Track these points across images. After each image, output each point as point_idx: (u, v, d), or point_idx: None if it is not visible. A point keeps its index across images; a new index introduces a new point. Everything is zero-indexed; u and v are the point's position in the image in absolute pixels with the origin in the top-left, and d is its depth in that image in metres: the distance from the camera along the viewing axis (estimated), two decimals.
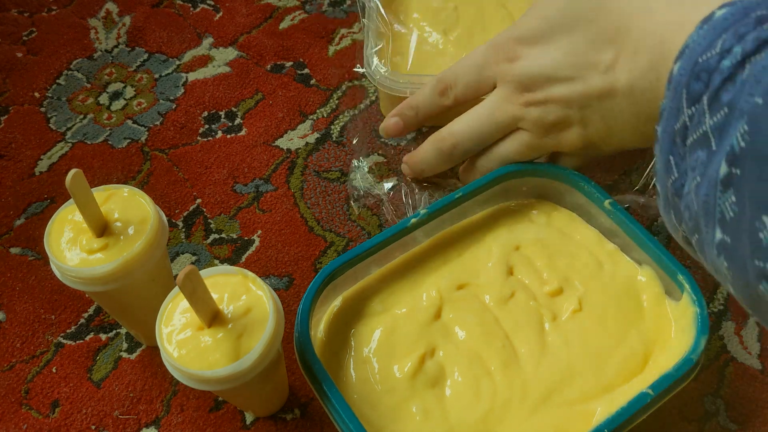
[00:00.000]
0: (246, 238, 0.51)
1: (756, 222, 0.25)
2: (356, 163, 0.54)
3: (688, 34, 0.31)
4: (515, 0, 0.58)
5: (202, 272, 0.35)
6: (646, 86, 0.36)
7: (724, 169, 0.27)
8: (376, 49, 0.53)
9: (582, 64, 0.40)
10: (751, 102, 0.26)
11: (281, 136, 0.56)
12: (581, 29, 0.39)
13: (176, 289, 0.37)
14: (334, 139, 0.56)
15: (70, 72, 0.61)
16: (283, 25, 0.64)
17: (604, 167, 0.52)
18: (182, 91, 0.60)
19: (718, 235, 0.28)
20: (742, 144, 0.26)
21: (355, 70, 0.57)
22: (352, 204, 0.52)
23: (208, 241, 0.51)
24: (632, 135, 0.40)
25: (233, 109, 0.58)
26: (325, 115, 0.57)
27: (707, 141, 0.28)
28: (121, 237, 0.38)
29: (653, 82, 0.35)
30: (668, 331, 0.40)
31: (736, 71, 0.27)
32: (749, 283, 0.27)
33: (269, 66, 0.61)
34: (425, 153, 0.48)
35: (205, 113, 0.58)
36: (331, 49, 0.62)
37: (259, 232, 0.51)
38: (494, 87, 0.45)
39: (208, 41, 0.63)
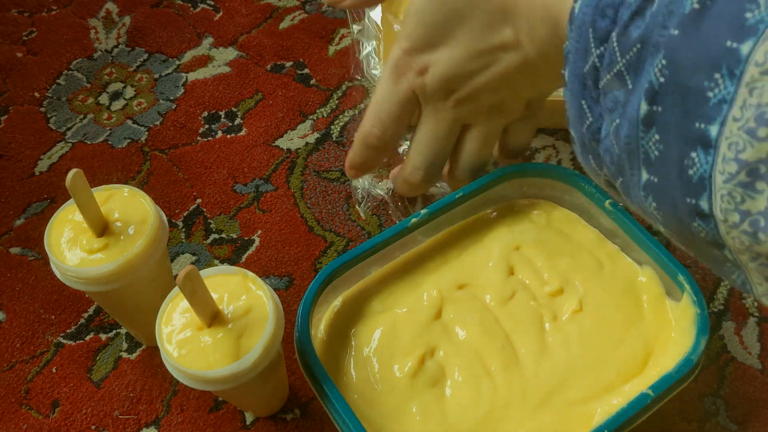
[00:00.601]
0: (246, 238, 0.51)
1: (684, 159, 0.25)
2: None
3: None
4: None
5: (202, 272, 0.35)
6: (555, 51, 0.34)
7: (644, 107, 0.26)
8: (369, 49, 0.53)
9: (487, 50, 0.39)
10: (666, 35, 0.25)
11: (281, 136, 0.56)
12: (469, 19, 0.38)
13: (176, 289, 0.37)
14: (334, 139, 0.56)
15: (70, 72, 0.61)
16: (283, 25, 0.64)
17: None
18: (182, 91, 0.60)
19: (644, 175, 0.27)
20: (662, 79, 0.25)
21: (356, 78, 0.57)
22: (358, 208, 0.52)
23: (208, 241, 0.51)
24: (560, 81, 0.38)
25: (233, 109, 0.58)
26: (325, 115, 0.57)
27: (622, 80, 0.27)
28: (121, 237, 0.38)
29: (559, 45, 0.33)
30: (668, 332, 0.40)
31: (645, 4, 0.26)
32: (682, 221, 0.26)
33: (269, 66, 0.61)
34: (400, 188, 0.47)
35: (205, 113, 0.58)
36: (331, 49, 0.62)
37: (259, 232, 0.51)
38: (418, 104, 0.43)
39: (208, 41, 0.63)
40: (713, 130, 0.24)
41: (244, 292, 0.37)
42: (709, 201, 0.24)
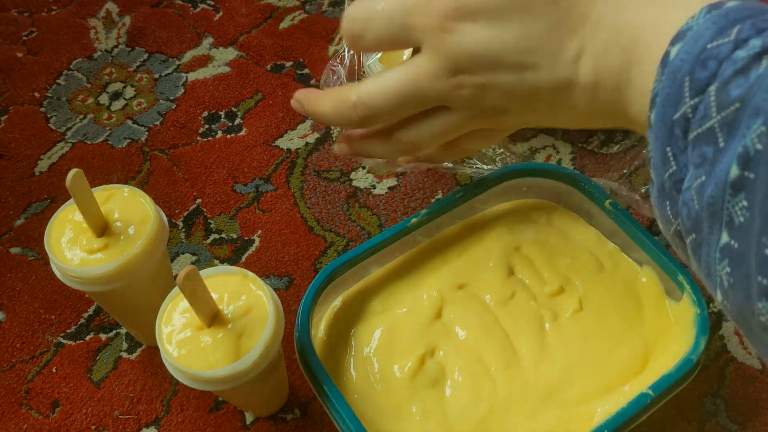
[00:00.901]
0: (246, 238, 0.51)
1: (764, 237, 0.23)
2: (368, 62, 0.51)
3: (673, 32, 0.28)
4: None
5: (202, 272, 0.35)
6: (613, 87, 0.32)
7: (735, 171, 0.24)
8: (375, 59, 0.53)
9: (537, 51, 0.33)
10: None
11: (281, 136, 0.56)
12: (539, 10, 0.33)
13: (176, 289, 0.37)
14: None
15: (70, 72, 0.61)
16: (283, 25, 0.64)
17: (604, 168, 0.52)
18: (182, 91, 0.60)
19: (725, 238, 0.26)
20: (759, 146, 0.23)
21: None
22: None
23: (208, 241, 0.51)
24: (576, 122, 0.35)
25: (233, 109, 0.58)
26: None
27: (713, 137, 0.26)
28: (122, 237, 0.38)
29: (623, 83, 0.31)
30: (668, 332, 0.40)
31: (751, 64, 0.25)
32: (750, 296, 0.25)
33: (269, 66, 0.61)
34: (329, 117, 0.38)
35: (205, 113, 0.58)
36: (331, 49, 0.62)
37: (259, 232, 0.51)
38: (415, 46, 0.36)
39: (208, 41, 0.63)
40: None
41: (244, 292, 0.37)
42: None
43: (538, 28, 0.33)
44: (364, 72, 0.53)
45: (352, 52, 0.53)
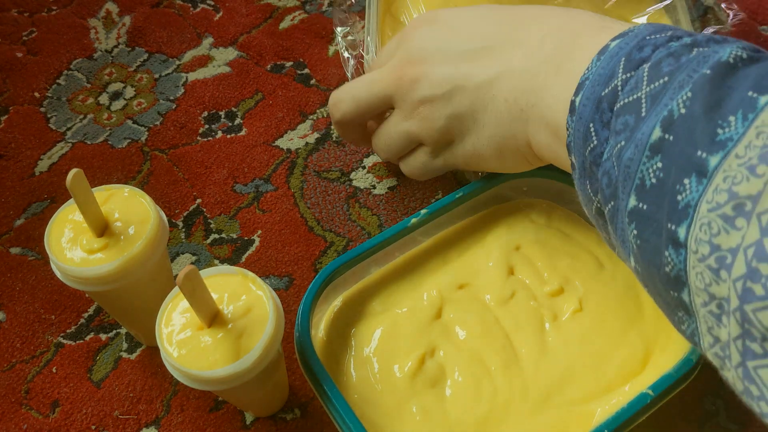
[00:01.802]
0: (246, 238, 0.51)
1: (677, 185, 0.26)
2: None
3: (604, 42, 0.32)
4: (513, 2, 0.58)
5: (202, 272, 0.35)
6: (529, 95, 0.37)
7: (657, 134, 0.27)
8: (378, 47, 0.53)
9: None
10: (698, 72, 0.27)
11: (281, 136, 0.56)
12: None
13: (176, 289, 0.37)
14: (334, 139, 0.56)
15: (70, 72, 0.61)
16: (283, 25, 0.64)
17: None
18: (182, 91, 0.60)
19: (633, 202, 0.28)
20: (683, 110, 0.27)
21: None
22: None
23: (208, 241, 0.51)
24: (498, 143, 0.40)
25: (233, 109, 0.58)
26: (325, 115, 0.57)
27: (638, 106, 0.29)
28: (122, 237, 0.38)
29: (538, 89, 0.36)
30: (668, 332, 0.40)
31: (683, 51, 0.29)
32: (657, 249, 0.27)
33: (269, 66, 0.61)
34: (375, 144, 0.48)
35: (205, 113, 0.58)
36: (331, 49, 0.62)
37: (259, 232, 0.51)
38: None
39: (208, 41, 0.63)
40: (713, 161, 0.25)
41: (244, 292, 0.37)
42: (687, 229, 0.26)
43: (487, 31, 0.40)
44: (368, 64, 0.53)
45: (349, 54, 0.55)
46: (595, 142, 0.31)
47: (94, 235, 0.38)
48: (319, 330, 0.41)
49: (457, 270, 0.44)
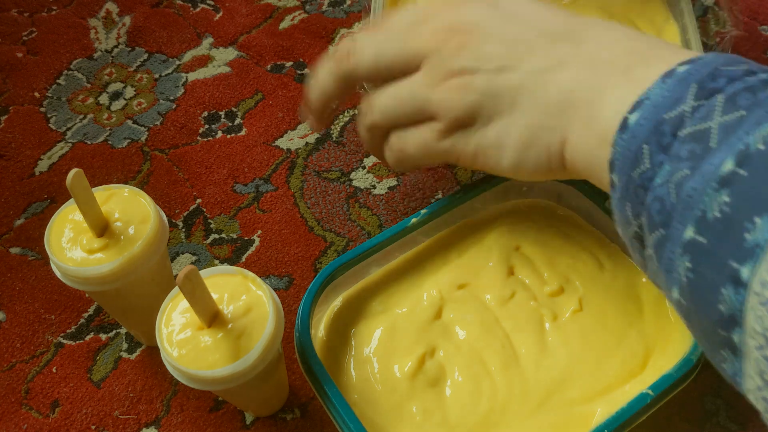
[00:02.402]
0: (246, 238, 0.51)
1: (746, 222, 0.25)
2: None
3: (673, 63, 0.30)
4: None
5: (202, 272, 0.35)
6: (587, 90, 0.34)
7: (728, 166, 0.26)
8: None
9: (514, 56, 0.36)
10: None
11: (281, 136, 0.56)
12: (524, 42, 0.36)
13: (176, 289, 0.37)
14: (334, 139, 0.56)
15: (70, 72, 0.61)
16: (283, 25, 0.64)
17: None
18: (182, 91, 0.60)
19: (689, 234, 0.27)
20: (761, 147, 0.25)
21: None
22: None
23: (208, 241, 0.51)
24: (530, 134, 0.36)
25: (233, 109, 0.58)
26: None
27: (707, 136, 0.28)
28: (122, 237, 0.38)
29: (598, 88, 0.33)
30: (668, 332, 0.40)
31: (759, 87, 0.27)
32: (713, 284, 0.26)
33: (269, 66, 0.61)
34: (326, 69, 0.42)
35: (205, 113, 0.58)
36: (332, 49, 0.62)
37: (259, 232, 0.51)
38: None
39: (208, 41, 0.63)
40: None
41: (244, 292, 0.37)
42: (752, 269, 0.24)
43: (550, 25, 0.36)
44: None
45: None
46: (647, 165, 0.29)
47: (94, 235, 0.38)
48: (319, 330, 0.41)
49: (457, 270, 0.44)
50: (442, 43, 0.37)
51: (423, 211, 0.43)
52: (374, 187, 0.53)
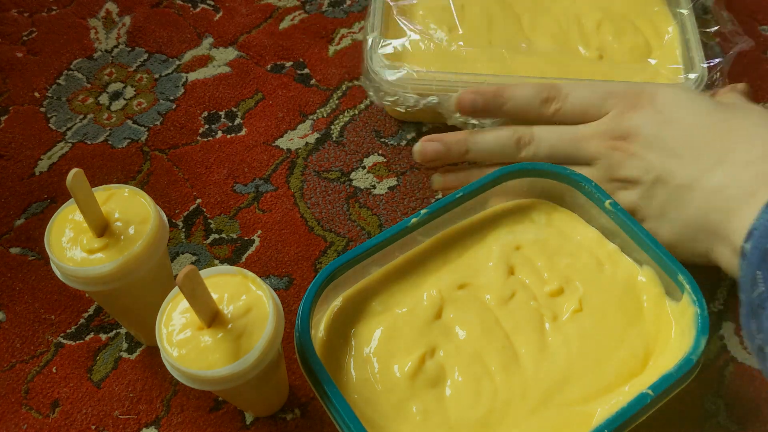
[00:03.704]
0: (246, 238, 0.51)
1: None
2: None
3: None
4: (522, 0, 0.58)
5: (202, 272, 0.35)
6: (721, 209, 0.39)
7: None
8: (380, 45, 0.53)
9: (686, 151, 0.42)
10: None
11: (281, 136, 0.56)
12: (708, 115, 0.42)
13: (176, 289, 0.37)
14: (334, 139, 0.56)
15: (70, 72, 0.61)
16: (283, 25, 0.64)
17: None
18: (182, 91, 0.60)
19: None
20: None
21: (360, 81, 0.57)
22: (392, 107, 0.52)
23: (208, 241, 0.51)
24: (672, 230, 0.43)
25: (233, 109, 0.58)
26: (325, 115, 0.57)
27: None
28: (122, 237, 0.38)
29: (731, 210, 0.39)
30: (668, 332, 0.40)
31: None
32: None
33: (269, 66, 0.61)
34: (494, 138, 0.48)
35: (205, 113, 0.58)
36: (331, 49, 0.62)
37: (259, 232, 0.51)
38: (600, 115, 0.46)
39: (208, 41, 0.63)
40: None
41: (244, 292, 0.37)
42: None
43: (704, 132, 0.42)
44: (369, 69, 0.53)
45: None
46: (762, 289, 0.33)
47: (94, 235, 0.38)
48: (319, 330, 0.41)
49: (457, 270, 0.44)
50: (611, 151, 0.44)
51: (423, 211, 0.43)
52: (374, 187, 0.53)
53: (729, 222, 0.38)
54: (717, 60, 0.52)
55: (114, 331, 0.47)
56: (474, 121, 0.50)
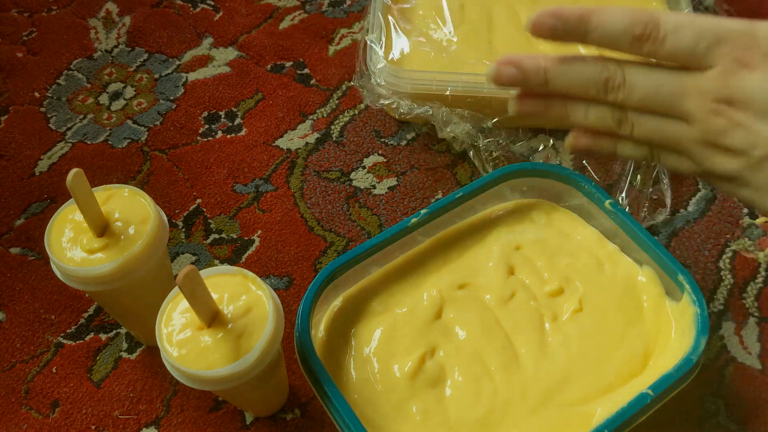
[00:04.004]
0: (246, 238, 0.51)
1: None
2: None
3: None
4: (522, 0, 0.58)
5: (202, 272, 0.35)
6: None
7: None
8: (380, 45, 0.53)
9: None
10: None
11: (281, 136, 0.56)
12: None
13: (176, 289, 0.37)
14: (334, 139, 0.56)
15: (70, 72, 0.61)
16: (283, 25, 0.64)
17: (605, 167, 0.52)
18: (182, 91, 0.60)
19: None
20: None
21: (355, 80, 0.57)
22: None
23: (208, 241, 0.51)
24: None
25: (233, 109, 0.58)
26: (325, 115, 0.57)
27: None
28: (122, 237, 0.38)
29: None
30: (668, 332, 0.40)
31: None
32: None
33: (269, 66, 0.61)
34: (579, 72, 0.40)
35: (205, 113, 0.58)
36: (331, 49, 0.62)
37: (259, 232, 0.51)
38: (702, 67, 0.38)
39: (208, 41, 0.63)
40: None
41: (244, 292, 0.37)
42: None
43: None
44: (368, 69, 0.53)
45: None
46: None
47: (94, 235, 0.38)
48: (319, 330, 0.41)
49: (457, 270, 0.44)
50: (712, 116, 0.37)
51: (423, 211, 0.43)
52: (374, 187, 0.53)
53: None
54: None
55: (114, 331, 0.47)
56: (463, 137, 0.49)
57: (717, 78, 0.37)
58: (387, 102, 0.52)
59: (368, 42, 0.54)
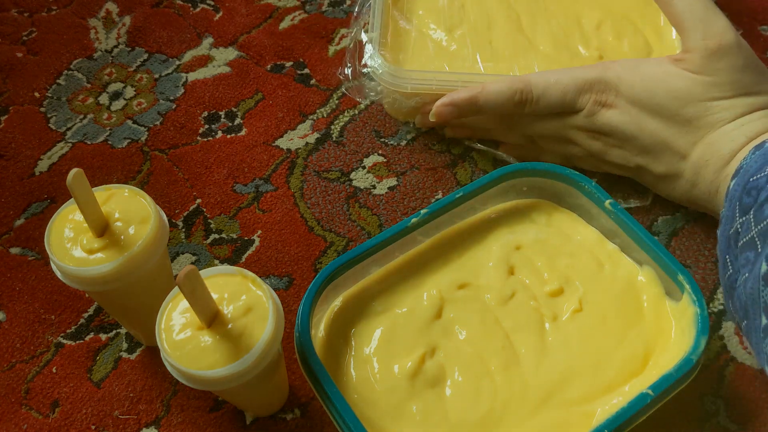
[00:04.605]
0: (246, 238, 0.51)
1: None
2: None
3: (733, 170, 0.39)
4: (522, 0, 0.58)
5: (202, 272, 0.35)
6: (706, 191, 0.44)
7: (764, 267, 0.33)
8: (378, 45, 0.53)
9: (663, 146, 0.44)
10: None
11: (281, 136, 0.56)
12: (675, 121, 0.44)
13: (176, 289, 0.37)
14: (334, 139, 0.56)
15: (70, 72, 0.61)
16: (283, 25, 0.64)
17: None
18: (182, 91, 0.60)
19: (764, 320, 0.33)
20: None
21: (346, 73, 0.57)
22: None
23: (208, 241, 0.51)
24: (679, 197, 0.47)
25: (233, 109, 0.58)
26: (325, 115, 0.57)
27: (754, 244, 0.35)
28: (122, 237, 0.38)
29: (712, 192, 0.43)
30: (668, 332, 0.40)
31: None
32: None
33: (269, 66, 0.61)
34: (498, 92, 0.48)
35: (205, 113, 0.58)
36: (331, 49, 0.62)
37: (259, 232, 0.51)
38: (575, 111, 0.47)
39: (208, 41, 0.63)
40: None
41: (244, 292, 0.37)
42: None
43: (671, 132, 0.44)
44: (365, 64, 0.53)
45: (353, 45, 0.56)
46: (731, 271, 0.38)
47: (94, 235, 0.38)
48: (319, 330, 0.41)
49: (457, 270, 0.44)
50: (591, 141, 0.48)
51: (423, 211, 0.43)
52: (374, 187, 0.53)
53: (715, 200, 0.43)
54: None
55: (114, 331, 0.47)
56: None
57: (585, 118, 0.47)
58: (377, 97, 0.53)
59: (368, 42, 0.54)
